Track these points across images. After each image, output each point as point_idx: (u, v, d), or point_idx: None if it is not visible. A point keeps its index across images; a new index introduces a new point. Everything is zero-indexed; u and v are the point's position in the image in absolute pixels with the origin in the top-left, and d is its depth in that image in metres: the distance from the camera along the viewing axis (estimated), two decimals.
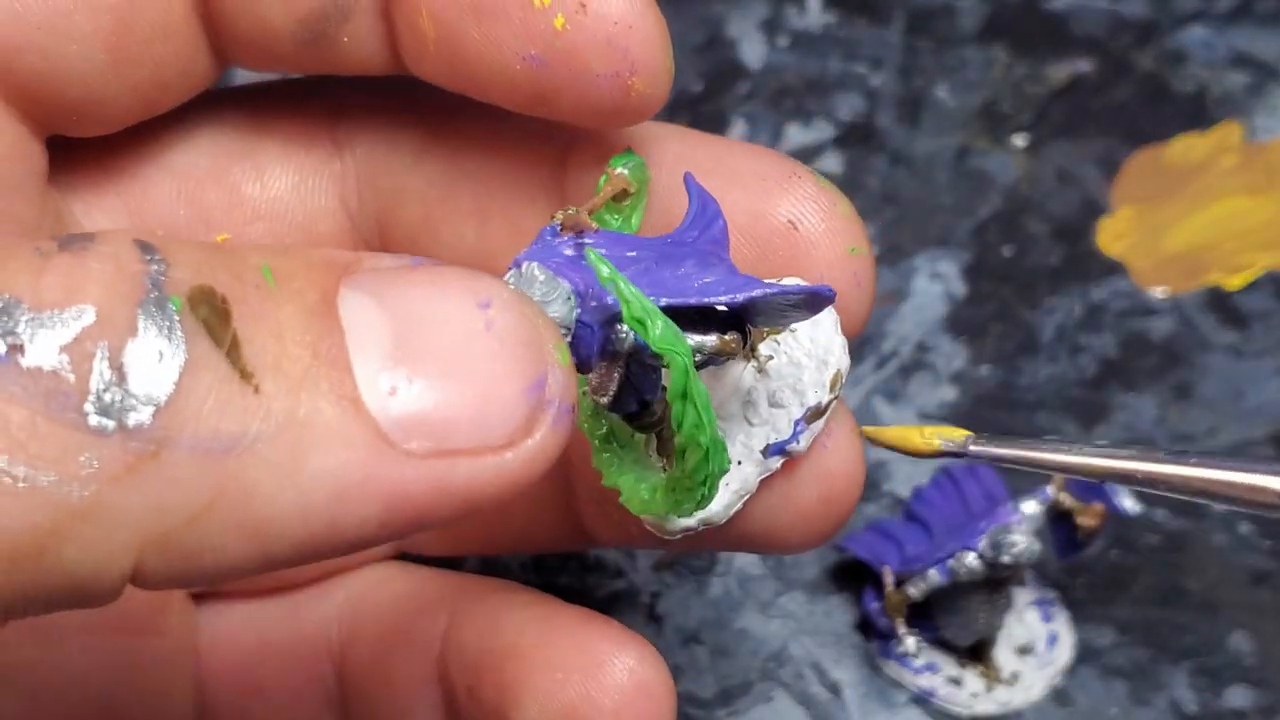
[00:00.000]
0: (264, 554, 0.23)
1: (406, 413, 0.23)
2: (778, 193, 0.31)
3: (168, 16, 0.31)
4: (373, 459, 0.23)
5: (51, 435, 0.21)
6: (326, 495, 0.23)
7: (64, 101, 0.31)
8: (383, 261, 0.25)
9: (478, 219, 0.33)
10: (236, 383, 0.22)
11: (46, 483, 0.21)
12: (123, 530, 0.22)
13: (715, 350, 0.27)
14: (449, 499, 0.24)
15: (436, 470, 0.23)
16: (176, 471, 0.22)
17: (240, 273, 0.23)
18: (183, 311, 0.22)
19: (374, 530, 0.23)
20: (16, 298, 0.22)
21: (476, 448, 0.24)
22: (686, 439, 0.27)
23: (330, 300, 0.24)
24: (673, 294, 0.27)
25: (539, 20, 0.29)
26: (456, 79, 0.31)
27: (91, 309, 0.22)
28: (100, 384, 0.21)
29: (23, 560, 0.21)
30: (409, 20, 0.30)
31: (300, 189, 0.34)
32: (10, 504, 0.21)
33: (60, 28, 0.30)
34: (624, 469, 0.30)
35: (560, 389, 0.24)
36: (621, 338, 0.27)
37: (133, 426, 0.22)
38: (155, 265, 0.23)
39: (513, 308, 0.24)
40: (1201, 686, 0.44)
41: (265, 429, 0.22)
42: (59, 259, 0.22)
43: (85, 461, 0.21)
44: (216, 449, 0.22)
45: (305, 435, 0.23)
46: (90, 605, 0.23)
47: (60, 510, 0.21)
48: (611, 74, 0.29)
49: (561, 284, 0.26)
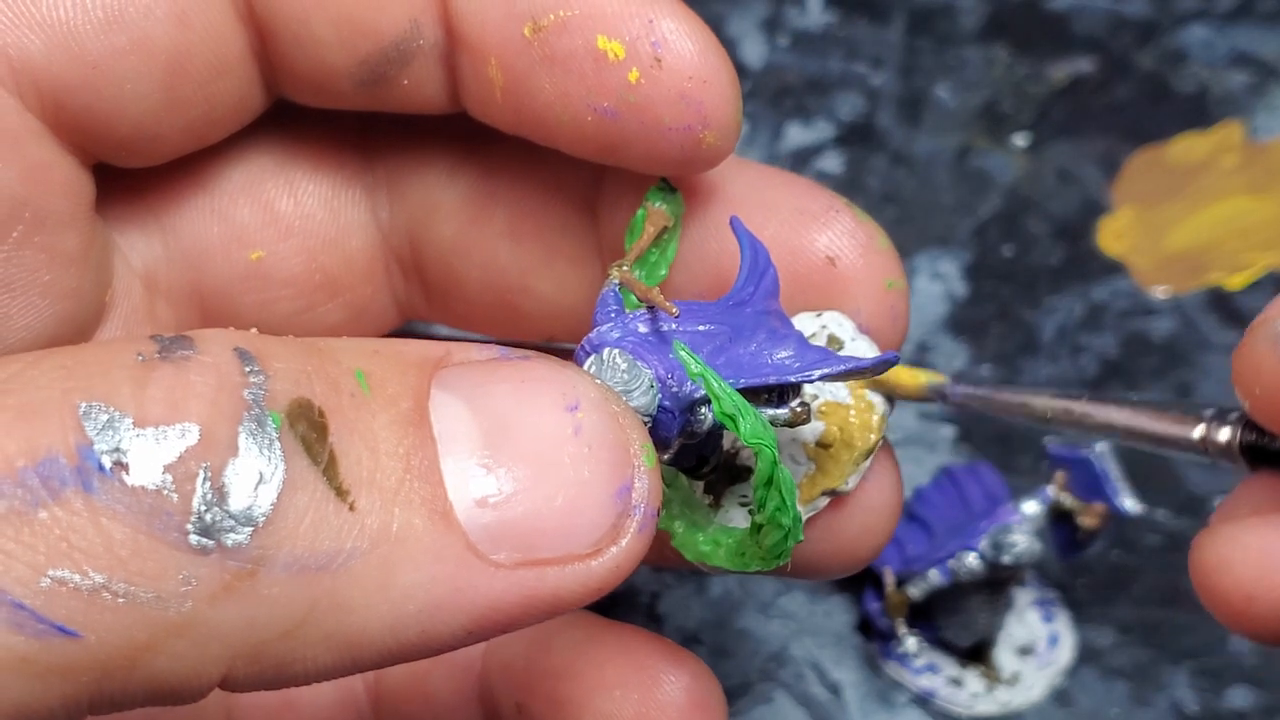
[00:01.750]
0: (353, 662, 0.23)
1: (496, 522, 0.23)
2: (816, 227, 0.31)
3: (223, 57, 0.31)
4: (463, 572, 0.23)
5: (152, 553, 0.21)
6: (417, 609, 0.23)
7: (116, 137, 0.31)
8: (471, 354, 0.25)
9: (510, 238, 0.33)
10: (333, 501, 0.23)
11: (145, 599, 0.21)
12: (216, 644, 0.22)
13: (787, 422, 0.28)
14: (535, 607, 0.24)
15: (524, 580, 0.24)
16: (272, 590, 0.22)
17: (336, 380, 0.24)
18: (282, 429, 0.22)
19: (461, 638, 0.24)
20: (122, 411, 0.22)
21: (564, 556, 0.24)
22: (769, 521, 0.27)
23: (422, 406, 0.24)
24: (750, 374, 0.28)
25: (613, 74, 0.29)
26: (521, 126, 0.31)
27: (196, 428, 0.22)
28: (202, 504, 0.22)
29: (115, 671, 0.22)
30: (475, 68, 0.30)
31: (333, 204, 0.34)
32: (109, 619, 0.21)
33: (115, 68, 0.29)
34: (673, 513, 0.30)
35: (646, 493, 0.25)
36: (701, 419, 0.27)
37: (231, 546, 0.22)
38: (255, 378, 0.23)
39: (600, 408, 0.25)
40: (1202, 687, 0.44)
41: (359, 546, 0.23)
42: (161, 370, 0.22)
43: (184, 579, 0.22)
44: (312, 567, 0.22)
45: (397, 551, 0.23)
46: (174, 704, 0.23)
47: (156, 626, 0.21)
48: (684, 127, 0.29)
49: (644, 371, 0.27)
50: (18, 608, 0.21)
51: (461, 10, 0.30)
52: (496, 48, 0.30)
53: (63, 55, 0.29)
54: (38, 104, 0.29)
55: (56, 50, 0.29)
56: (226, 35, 0.31)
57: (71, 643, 0.21)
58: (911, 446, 0.49)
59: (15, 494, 0.21)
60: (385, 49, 0.31)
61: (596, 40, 0.29)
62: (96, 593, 0.21)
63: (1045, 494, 0.43)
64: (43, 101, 0.29)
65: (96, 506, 0.21)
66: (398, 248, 0.35)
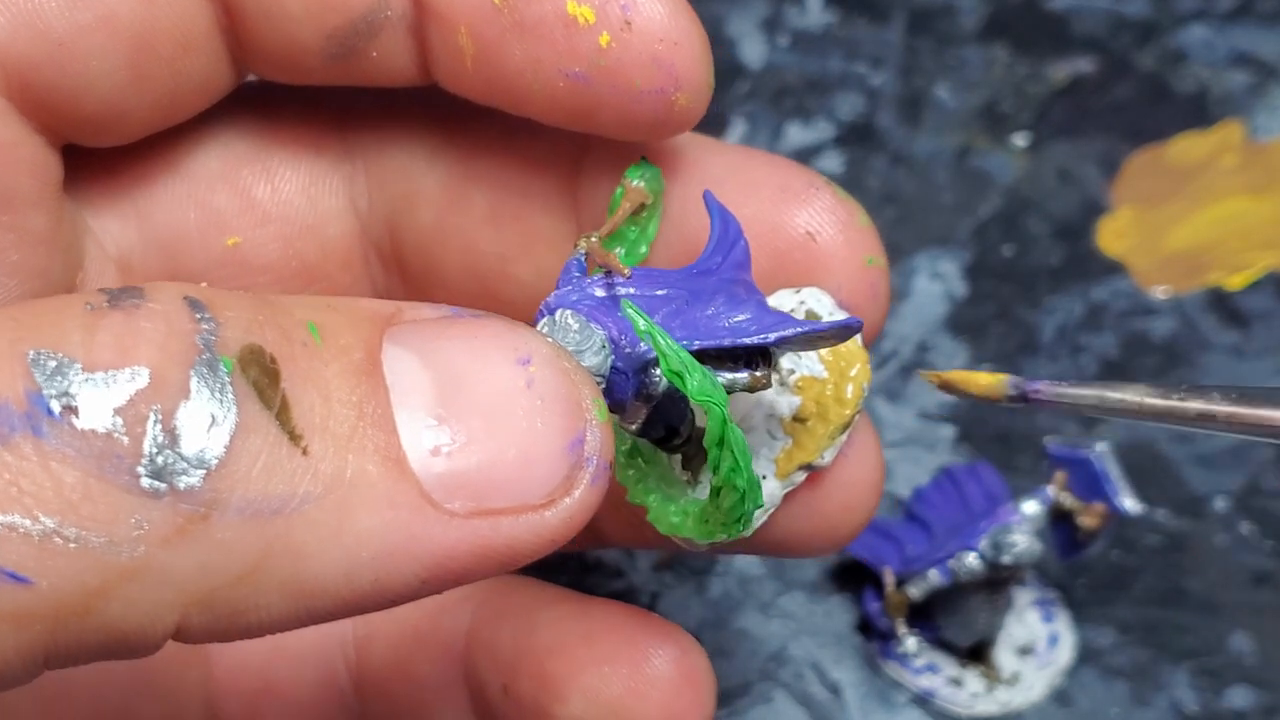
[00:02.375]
0: (307, 611, 0.23)
1: (449, 472, 0.24)
2: (796, 204, 0.31)
3: (189, 33, 0.31)
4: (416, 519, 0.23)
5: (103, 497, 0.21)
6: (371, 555, 0.23)
7: (82, 114, 0.31)
8: (423, 312, 0.25)
9: (491, 224, 0.33)
10: (285, 445, 0.22)
11: (97, 544, 0.21)
12: (169, 590, 0.22)
13: (746, 387, 0.28)
14: (489, 557, 0.24)
15: (478, 530, 0.24)
16: (225, 533, 0.22)
17: (288, 330, 0.23)
18: (234, 373, 0.22)
19: (416, 588, 0.24)
20: (70, 357, 0.22)
21: (517, 506, 0.24)
22: (723, 482, 0.27)
23: (375, 357, 0.24)
24: (705, 336, 0.27)
25: (583, 38, 0.29)
26: (493, 95, 0.31)
27: (145, 370, 0.22)
28: (153, 447, 0.22)
29: (68, 618, 0.21)
30: (444, 37, 0.30)
31: (310, 191, 0.34)
32: (60, 564, 0.21)
33: (80, 45, 0.29)
34: (649, 487, 0.30)
35: (598, 445, 0.25)
36: (655, 382, 0.27)
37: (183, 489, 0.22)
38: (206, 324, 0.23)
39: (552, 363, 0.25)
40: (1202, 687, 0.44)
41: (313, 490, 0.23)
42: (111, 317, 0.22)
43: (136, 523, 0.21)
44: (265, 511, 0.22)
45: (351, 496, 0.23)
46: (130, 657, 0.23)
47: (109, 570, 0.21)
48: (656, 90, 0.29)
49: (596, 332, 0.27)
50: None
51: None
52: (466, 16, 0.30)
53: (28, 33, 0.29)
54: (3, 82, 0.29)
55: (21, 28, 0.29)
56: (192, 11, 0.31)
57: (23, 589, 0.21)
58: (911, 446, 0.49)
59: None
60: (354, 21, 0.31)
61: (566, 5, 0.29)
62: (48, 538, 0.21)
63: (1045, 494, 0.43)
64: (8, 79, 0.29)
65: (46, 450, 0.21)
66: (376, 236, 0.35)
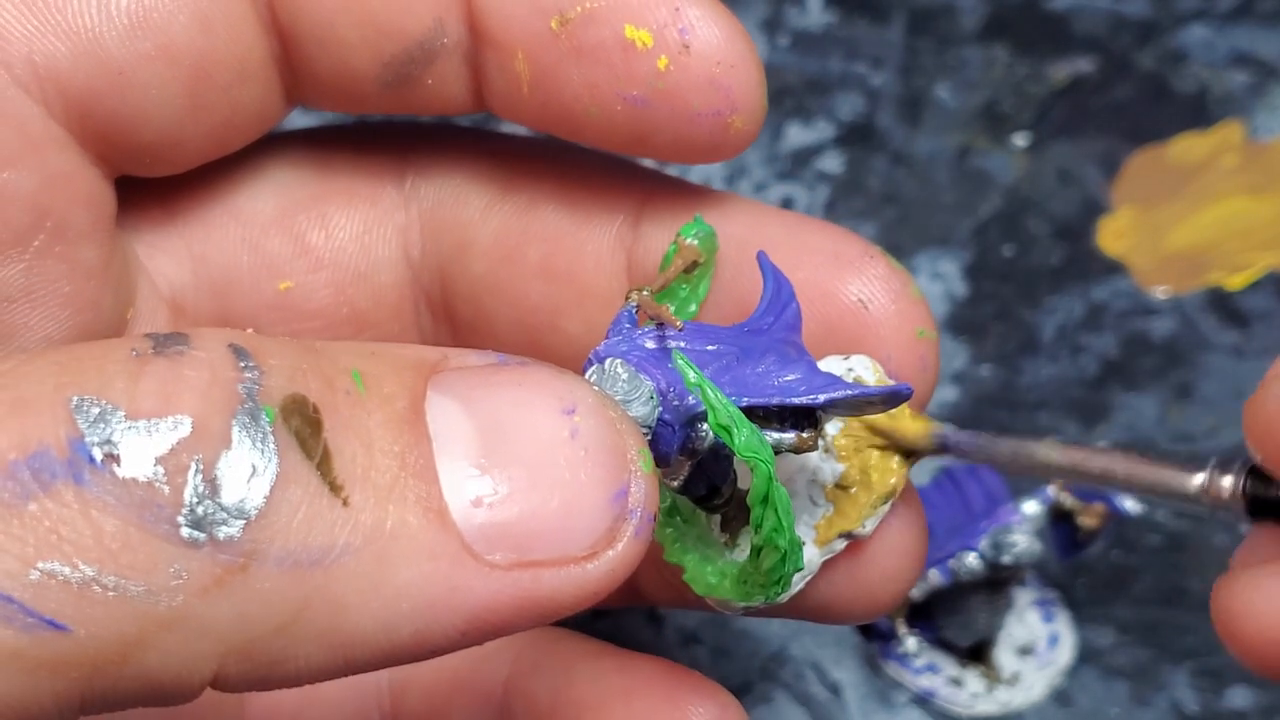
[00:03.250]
0: (345, 662, 0.23)
1: (491, 523, 0.23)
2: (849, 272, 0.31)
3: (246, 61, 0.31)
4: (457, 571, 0.23)
5: (143, 546, 0.21)
6: (411, 607, 0.23)
7: (140, 143, 0.31)
8: (468, 359, 0.25)
9: (543, 278, 0.33)
10: (326, 496, 0.22)
11: (135, 592, 0.21)
12: (207, 640, 0.22)
13: (793, 448, 0.28)
14: (530, 609, 0.24)
15: (519, 582, 0.23)
16: (264, 584, 0.22)
17: (332, 378, 0.23)
18: (276, 423, 0.22)
19: (455, 640, 0.24)
20: (114, 404, 0.22)
21: (559, 558, 0.24)
22: (765, 541, 0.27)
23: (418, 406, 0.24)
24: (754, 393, 0.27)
25: (641, 62, 0.29)
26: (548, 121, 0.31)
27: (188, 420, 0.22)
28: (193, 496, 0.22)
29: (106, 666, 0.21)
30: (501, 62, 0.30)
31: (364, 239, 0.34)
32: (99, 612, 0.21)
33: (140, 73, 0.29)
34: (687, 547, 0.30)
35: (643, 497, 0.25)
36: (702, 436, 0.27)
37: (223, 539, 0.22)
38: (250, 373, 0.23)
39: (597, 413, 0.25)
40: (1202, 687, 0.44)
41: (353, 542, 0.22)
42: (155, 364, 0.22)
43: (174, 573, 0.21)
44: (304, 562, 0.22)
45: (391, 547, 0.23)
46: (167, 705, 0.23)
47: (147, 620, 0.21)
48: (712, 112, 0.29)
49: (644, 383, 0.27)
50: (6, 600, 0.21)
51: (486, 6, 0.30)
52: (523, 41, 0.30)
53: (89, 62, 0.29)
54: (63, 111, 0.29)
55: (83, 57, 0.29)
56: (249, 39, 0.31)
57: (62, 637, 0.21)
58: None
59: (5, 487, 0.21)
60: (410, 49, 0.31)
61: (624, 29, 0.29)
62: (87, 586, 0.21)
63: (1045, 494, 0.43)
64: (68, 109, 0.29)
65: (87, 498, 0.21)
66: (427, 285, 0.34)
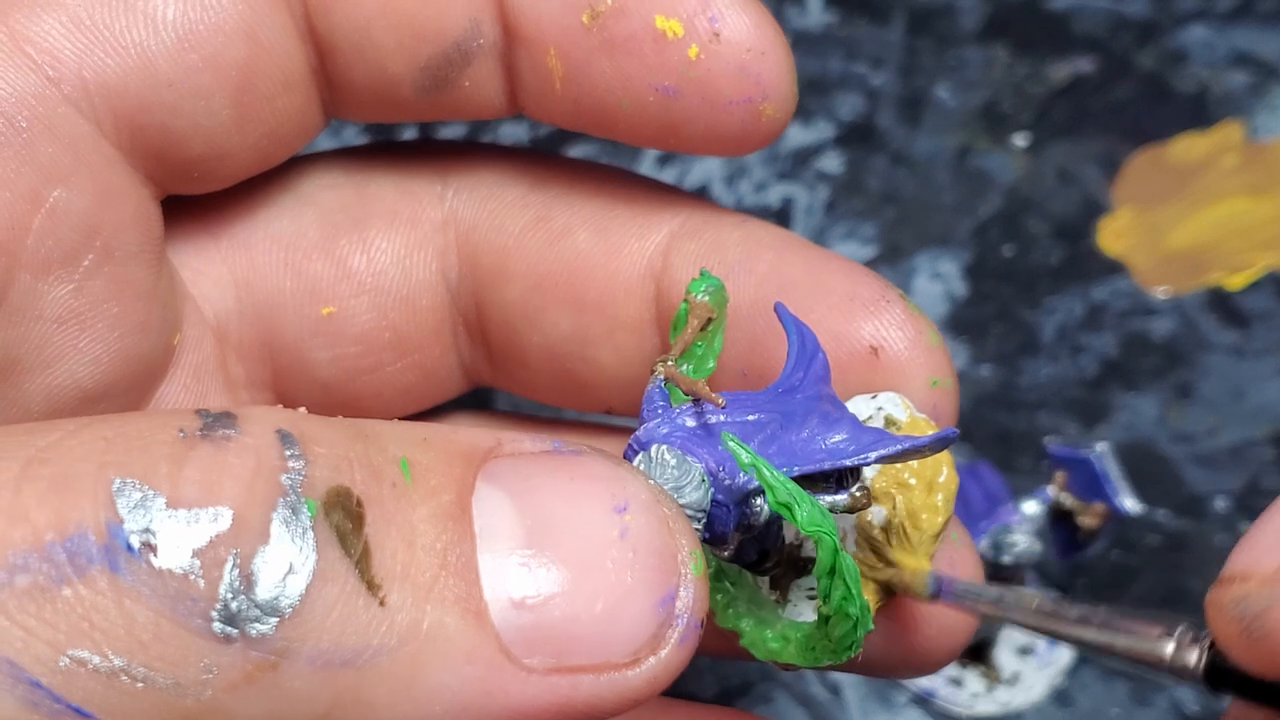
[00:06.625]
0: None
1: (531, 625, 0.23)
2: (864, 315, 0.30)
3: (289, 71, 0.31)
4: (493, 675, 0.23)
5: (174, 639, 0.21)
6: (444, 710, 0.22)
7: (186, 158, 0.31)
8: (523, 445, 0.24)
9: (574, 307, 0.33)
10: (363, 595, 0.22)
11: (164, 685, 0.21)
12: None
13: (847, 508, 0.27)
14: (567, 716, 0.23)
15: (557, 688, 0.23)
16: (294, 683, 0.22)
17: (379, 468, 0.23)
18: (317, 518, 0.22)
19: None
20: (156, 490, 0.21)
21: (599, 664, 0.23)
22: (835, 610, 0.27)
23: (465, 500, 0.23)
24: (804, 461, 0.27)
25: (673, 52, 0.29)
26: (580, 116, 0.31)
27: (229, 512, 0.21)
28: (228, 591, 0.21)
29: None
30: (533, 60, 0.30)
31: (405, 263, 0.34)
32: (126, 703, 0.21)
33: (189, 85, 0.30)
34: (740, 611, 0.29)
35: (690, 603, 0.24)
36: (757, 512, 0.27)
37: (255, 636, 0.21)
38: (295, 462, 0.22)
39: (650, 511, 0.24)
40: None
41: (387, 643, 0.22)
42: (200, 449, 0.22)
43: (205, 667, 0.21)
44: (336, 662, 0.22)
45: (427, 649, 0.22)
46: None
47: (174, 713, 0.21)
48: (744, 100, 0.29)
49: (694, 466, 0.26)
50: (35, 686, 0.20)
51: (519, 4, 0.30)
52: (555, 37, 0.30)
53: (138, 77, 0.29)
54: (113, 128, 0.29)
55: (133, 71, 0.29)
56: (292, 49, 0.31)
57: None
58: None
59: (40, 569, 0.21)
60: (447, 50, 0.31)
61: (655, 20, 0.29)
62: (115, 676, 0.21)
63: (1045, 494, 0.43)
64: (118, 125, 0.29)
65: (121, 587, 0.21)
66: (464, 308, 0.35)
